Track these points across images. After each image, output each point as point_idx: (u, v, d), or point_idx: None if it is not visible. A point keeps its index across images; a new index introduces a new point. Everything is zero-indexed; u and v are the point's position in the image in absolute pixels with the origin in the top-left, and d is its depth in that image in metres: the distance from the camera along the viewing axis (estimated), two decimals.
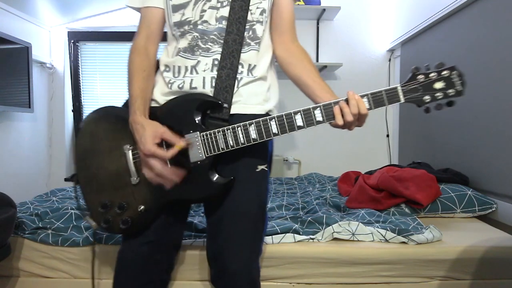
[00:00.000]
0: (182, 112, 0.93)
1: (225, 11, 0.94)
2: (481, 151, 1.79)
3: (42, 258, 1.37)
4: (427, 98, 0.84)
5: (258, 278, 0.99)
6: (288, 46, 1.03)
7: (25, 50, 2.37)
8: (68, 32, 2.89)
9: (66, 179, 2.86)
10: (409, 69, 0.86)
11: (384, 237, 1.37)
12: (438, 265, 1.31)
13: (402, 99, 0.84)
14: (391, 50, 2.92)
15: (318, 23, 2.93)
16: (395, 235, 1.36)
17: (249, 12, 0.95)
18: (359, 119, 0.86)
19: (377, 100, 0.85)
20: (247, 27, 0.95)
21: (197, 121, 0.91)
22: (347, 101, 0.85)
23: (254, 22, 0.97)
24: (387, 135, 3.00)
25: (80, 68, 2.95)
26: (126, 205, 0.95)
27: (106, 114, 1.02)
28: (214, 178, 0.93)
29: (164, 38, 1.05)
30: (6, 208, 1.31)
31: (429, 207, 1.67)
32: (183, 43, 0.97)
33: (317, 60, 2.92)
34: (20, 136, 2.52)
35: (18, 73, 2.33)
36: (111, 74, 2.97)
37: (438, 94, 0.83)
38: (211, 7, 0.95)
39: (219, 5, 0.95)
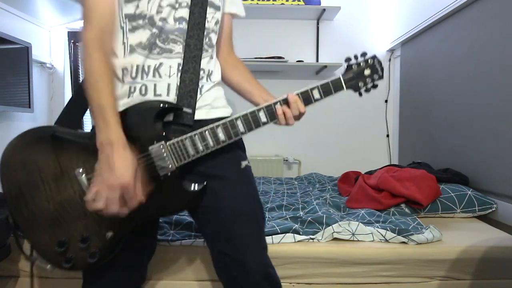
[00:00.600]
0: (142, 123, 0.84)
1: (183, 12, 0.92)
2: (481, 151, 1.79)
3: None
4: (361, 84, 1.00)
5: (273, 271, 0.97)
6: (226, 57, 1.10)
7: (25, 50, 2.37)
8: (68, 32, 2.89)
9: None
10: (410, 69, 0.89)
11: (384, 237, 1.37)
12: (438, 265, 1.30)
13: (345, 88, 0.99)
14: (391, 50, 2.92)
15: (318, 23, 2.93)
16: (395, 235, 1.36)
17: (206, 20, 0.95)
18: (299, 117, 0.97)
19: (326, 90, 0.97)
20: (204, 34, 0.95)
21: (159, 131, 0.85)
22: (286, 101, 0.94)
23: (210, 31, 0.97)
24: (387, 135, 3.00)
25: (80, 68, 2.95)
26: (91, 236, 0.83)
27: (38, 137, 0.86)
28: (188, 187, 0.89)
29: None
30: (6, 208, 1.30)
31: (429, 207, 1.67)
32: (134, 38, 0.89)
33: (317, 60, 2.92)
34: None
35: (18, 73, 2.33)
36: None
37: (367, 79, 1.00)
38: (169, 5, 0.90)
39: (177, 5, 0.91)
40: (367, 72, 1.00)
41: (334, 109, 2.94)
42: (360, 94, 1.01)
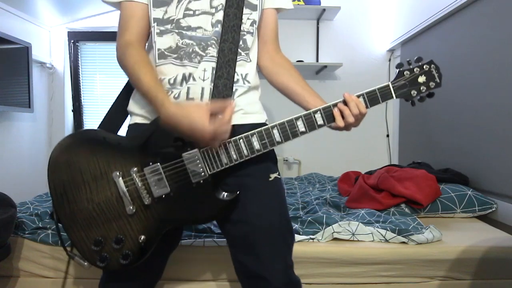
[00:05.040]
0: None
1: (219, 16, 0.90)
2: (481, 151, 1.79)
3: (42, 258, 1.37)
4: (414, 92, 0.90)
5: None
6: (273, 56, 1.03)
7: (25, 50, 2.37)
8: (68, 32, 2.89)
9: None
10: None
11: (384, 237, 1.37)
12: (438, 265, 1.31)
13: (394, 96, 0.90)
14: (391, 50, 2.92)
15: (318, 23, 2.92)
16: (395, 235, 1.36)
17: (241, 21, 0.92)
18: (358, 119, 0.89)
19: (372, 98, 0.89)
20: (240, 36, 0.92)
21: None
22: (344, 102, 0.88)
23: (245, 33, 0.94)
24: (387, 135, 3.00)
25: (80, 68, 2.95)
26: (124, 238, 0.86)
27: (82, 139, 0.89)
28: (220, 196, 0.88)
29: None
30: (6, 208, 1.30)
31: (429, 207, 1.67)
32: (161, 42, 0.90)
33: (317, 60, 2.92)
34: (20, 136, 2.52)
35: (18, 73, 2.33)
36: (111, 74, 2.97)
37: (422, 87, 0.90)
38: (204, 12, 0.89)
39: (213, 10, 0.90)
40: (421, 79, 0.90)
41: None
42: (413, 104, 0.92)
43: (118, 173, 0.86)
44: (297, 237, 1.36)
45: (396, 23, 2.80)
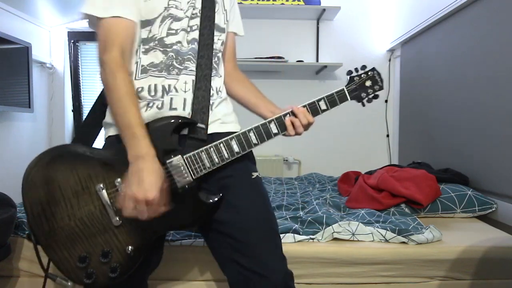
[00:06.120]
0: (160, 137, 0.87)
1: (195, 34, 0.97)
2: (481, 151, 1.79)
3: (42, 258, 1.37)
4: (363, 95, 1.06)
5: (292, 284, 0.97)
6: (231, 72, 1.15)
7: (25, 50, 2.37)
8: (68, 32, 2.89)
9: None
10: (410, 69, 0.90)
11: (384, 237, 1.37)
12: (438, 265, 1.31)
13: (349, 98, 1.04)
14: (391, 50, 2.92)
15: (318, 23, 2.93)
16: (395, 235, 1.36)
17: (213, 41, 1.00)
18: (307, 127, 1.01)
19: (332, 100, 1.01)
20: (213, 53, 1.00)
21: (176, 145, 0.90)
22: (293, 113, 0.98)
23: (217, 51, 1.03)
24: (387, 135, 3.00)
25: (80, 68, 2.95)
26: (111, 251, 0.85)
27: (59, 154, 0.88)
28: (205, 199, 0.91)
29: None
30: (6, 208, 1.30)
31: (429, 207, 1.67)
32: (146, 59, 0.93)
33: (317, 60, 2.92)
34: (20, 136, 2.52)
35: (18, 73, 2.33)
36: None
37: (369, 90, 1.06)
38: (183, 30, 0.95)
39: (189, 29, 0.97)
40: (368, 83, 1.06)
41: (335, 109, 2.93)
42: (363, 105, 1.07)
43: (101, 186, 0.86)
44: (297, 237, 1.36)
45: (396, 23, 2.80)
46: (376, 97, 1.08)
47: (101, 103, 0.99)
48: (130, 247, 0.87)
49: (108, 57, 0.85)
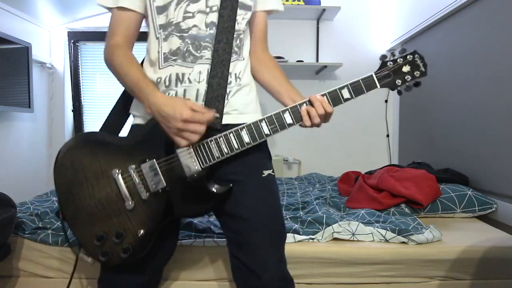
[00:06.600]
0: None
1: (213, 17, 0.93)
2: (481, 151, 1.79)
3: (42, 258, 1.37)
4: (398, 81, 0.92)
5: (290, 286, 0.98)
6: (259, 55, 1.07)
7: (25, 50, 2.37)
8: (68, 32, 2.89)
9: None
10: None
11: (384, 237, 1.37)
12: (438, 265, 1.31)
13: (378, 86, 0.92)
14: (391, 50, 2.92)
15: (318, 23, 2.92)
16: (395, 235, 1.36)
17: (236, 22, 0.95)
18: (326, 117, 0.93)
19: (357, 88, 0.91)
20: (234, 36, 0.95)
21: None
22: (310, 103, 0.91)
23: (241, 32, 0.98)
24: (387, 135, 3.00)
25: (80, 68, 2.95)
26: (124, 233, 0.90)
27: (84, 140, 0.95)
28: (213, 188, 0.92)
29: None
30: (6, 208, 1.30)
31: (429, 207, 1.67)
32: (166, 46, 0.94)
33: (317, 60, 2.92)
34: (20, 136, 2.52)
35: (18, 73, 2.33)
36: (111, 74, 2.95)
37: (406, 76, 0.92)
38: (200, 11, 0.92)
39: (207, 9, 0.93)
40: (406, 68, 0.93)
41: (334, 109, 2.93)
42: (399, 93, 0.95)
43: (117, 171, 0.90)
44: (297, 237, 1.36)
45: (396, 23, 2.80)
46: (417, 84, 0.93)
47: (127, 92, 1.03)
48: (141, 230, 0.90)
49: (107, 45, 0.94)
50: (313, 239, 1.38)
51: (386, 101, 2.97)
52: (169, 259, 1.06)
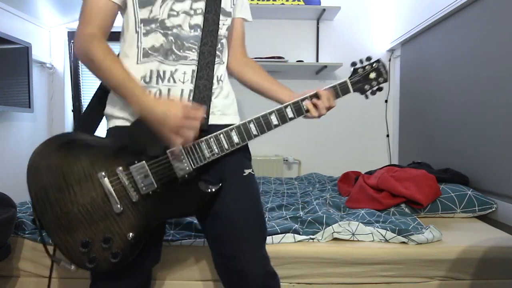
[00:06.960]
0: None
1: (198, 20, 0.94)
2: (481, 151, 1.79)
3: (42, 258, 1.37)
4: (367, 86, 1.03)
5: (274, 282, 0.99)
6: (240, 58, 1.11)
7: (25, 50, 2.37)
8: (68, 32, 2.89)
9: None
10: (410, 69, 0.89)
11: (384, 237, 1.37)
12: (438, 265, 1.31)
13: (351, 90, 1.02)
14: (391, 50, 2.92)
15: (318, 23, 2.93)
16: (395, 235, 1.36)
17: (219, 27, 0.97)
18: (328, 110, 1.00)
19: (336, 92, 1.01)
20: (217, 40, 0.97)
21: None
22: (316, 96, 0.98)
23: (222, 37, 1.00)
24: (387, 135, 3.00)
25: (80, 68, 2.95)
26: (112, 237, 0.87)
27: (62, 142, 0.90)
28: (204, 188, 0.92)
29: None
30: (6, 208, 1.30)
31: (429, 207, 1.67)
32: (148, 42, 0.92)
33: (317, 60, 2.92)
34: (20, 136, 2.52)
35: (18, 73, 2.33)
36: None
37: (373, 82, 1.03)
38: (184, 12, 0.92)
39: (192, 12, 0.93)
40: (372, 75, 1.03)
41: (334, 109, 2.91)
42: (367, 97, 1.05)
43: (103, 174, 0.87)
44: (297, 237, 1.36)
45: (396, 23, 2.80)
46: (380, 89, 1.05)
47: (100, 93, 1.01)
48: (131, 234, 0.88)
49: (81, 32, 0.88)
50: (313, 239, 1.38)
51: (386, 101, 2.97)
52: (159, 260, 1.05)
